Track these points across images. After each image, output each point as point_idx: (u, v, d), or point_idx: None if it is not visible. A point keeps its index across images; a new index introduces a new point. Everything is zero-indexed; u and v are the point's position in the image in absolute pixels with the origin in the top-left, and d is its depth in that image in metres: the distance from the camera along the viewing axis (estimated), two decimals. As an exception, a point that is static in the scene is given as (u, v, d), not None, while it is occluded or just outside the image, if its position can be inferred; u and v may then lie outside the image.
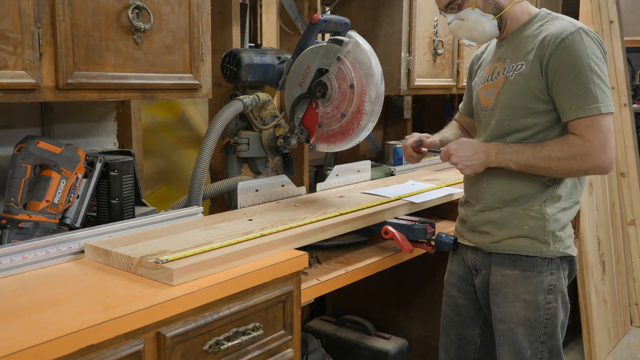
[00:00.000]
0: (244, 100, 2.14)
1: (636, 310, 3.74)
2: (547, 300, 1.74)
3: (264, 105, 2.24)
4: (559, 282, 1.76)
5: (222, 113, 2.08)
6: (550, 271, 1.74)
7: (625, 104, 3.80)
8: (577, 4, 3.86)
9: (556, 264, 1.75)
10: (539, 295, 1.74)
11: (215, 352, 1.38)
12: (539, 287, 1.74)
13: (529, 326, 1.75)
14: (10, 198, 1.58)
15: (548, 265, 1.74)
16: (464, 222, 1.90)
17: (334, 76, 1.99)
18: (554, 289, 1.75)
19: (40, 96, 1.42)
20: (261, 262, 1.53)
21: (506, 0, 1.76)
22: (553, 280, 1.74)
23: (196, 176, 1.99)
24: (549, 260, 1.74)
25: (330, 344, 2.56)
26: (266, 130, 2.23)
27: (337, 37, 2.00)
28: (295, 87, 2.06)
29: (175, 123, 2.51)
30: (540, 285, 1.74)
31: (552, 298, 1.75)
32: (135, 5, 1.57)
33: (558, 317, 1.77)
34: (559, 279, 1.76)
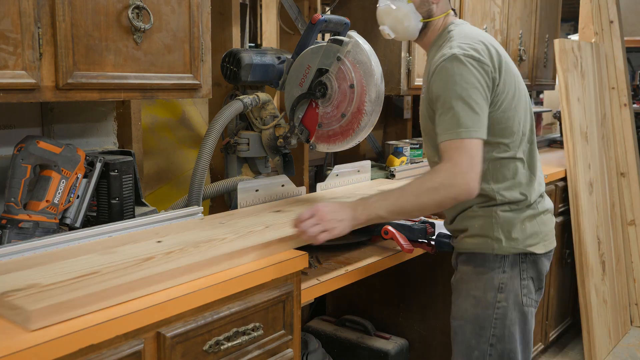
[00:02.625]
0: (244, 100, 2.14)
1: (636, 310, 3.74)
2: (496, 299, 1.71)
3: (264, 105, 2.24)
4: (512, 281, 1.72)
5: (222, 113, 2.08)
6: (502, 269, 1.72)
7: (625, 104, 3.80)
8: (577, 3, 3.86)
9: (510, 262, 1.72)
10: (489, 292, 1.72)
11: (215, 352, 1.38)
12: (488, 283, 1.72)
13: (477, 325, 1.73)
14: (10, 198, 1.58)
15: (500, 262, 1.72)
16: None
17: (334, 76, 1.99)
18: (505, 288, 1.71)
19: (40, 96, 1.42)
20: (261, 262, 1.53)
21: (437, 12, 1.80)
22: (505, 279, 1.71)
23: (196, 176, 1.99)
24: (502, 258, 1.72)
25: (330, 344, 2.56)
26: (266, 130, 2.23)
27: (337, 37, 2.00)
28: (295, 87, 2.06)
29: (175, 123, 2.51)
30: (490, 282, 1.72)
31: (502, 297, 1.71)
32: (135, 5, 1.57)
33: (509, 318, 1.72)
34: (512, 278, 1.72)
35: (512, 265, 1.72)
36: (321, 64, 2.00)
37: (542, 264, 1.78)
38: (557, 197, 3.23)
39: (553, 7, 3.98)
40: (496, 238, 1.72)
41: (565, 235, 3.33)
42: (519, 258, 1.73)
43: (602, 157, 3.55)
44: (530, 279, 1.75)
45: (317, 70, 2.01)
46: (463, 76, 1.60)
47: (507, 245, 1.71)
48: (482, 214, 1.74)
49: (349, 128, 2.01)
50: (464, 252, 1.79)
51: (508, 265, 1.72)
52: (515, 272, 1.73)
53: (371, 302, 2.74)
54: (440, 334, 2.52)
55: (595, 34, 3.76)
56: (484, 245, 1.73)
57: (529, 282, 1.75)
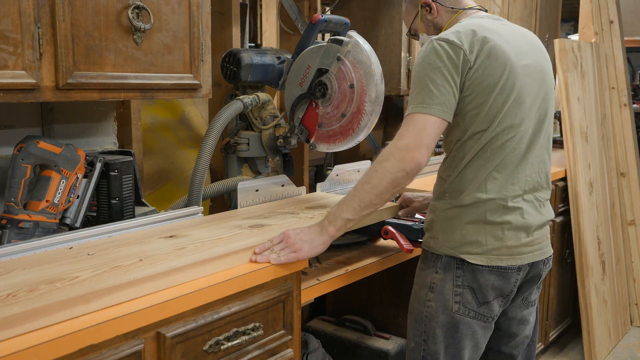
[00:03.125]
0: (244, 100, 2.14)
1: (636, 310, 3.74)
2: (427, 297, 1.67)
3: (264, 105, 2.24)
4: (443, 284, 1.64)
5: (222, 113, 2.08)
6: (435, 269, 1.66)
7: (625, 104, 3.80)
8: (577, 3, 3.86)
9: (443, 265, 1.65)
10: (422, 288, 1.70)
11: (215, 352, 1.38)
12: (422, 279, 1.71)
13: (413, 318, 1.72)
14: (10, 198, 1.58)
15: (435, 261, 1.67)
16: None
17: (334, 76, 1.99)
18: (435, 289, 1.66)
19: (40, 96, 1.42)
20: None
21: (443, 20, 1.81)
22: (436, 280, 1.66)
23: (196, 176, 1.99)
24: (436, 257, 1.67)
25: (330, 344, 2.56)
26: (266, 130, 2.23)
27: (337, 37, 2.00)
28: (295, 87, 2.06)
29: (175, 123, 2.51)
30: (423, 279, 1.70)
31: (432, 297, 1.66)
32: (135, 5, 1.57)
33: (435, 320, 1.66)
34: (444, 282, 1.64)
35: (445, 268, 1.65)
36: (321, 64, 2.00)
37: (484, 277, 1.62)
38: (557, 197, 3.23)
39: (553, 7, 3.98)
40: (433, 235, 1.68)
41: (565, 235, 3.33)
42: (454, 262, 1.64)
43: (602, 157, 3.55)
44: (467, 288, 1.64)
45: (317, 70, 2.01)
46: (427, 58, 1.58)
47: (442, 244, 1.65)
48: (432, 208, 1.72)
49: (349, 128, 2.01)
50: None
51: (441, 266, 1.65)
52: (449, 275, 1.64)
53: (371, 302, 2.73)
54: (440, 334, 2.51)
55: (595, 34, 3.76)
56: (426, 240, 1.72)
57: (464, 290, 1.64)
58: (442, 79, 1.55)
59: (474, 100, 1.59)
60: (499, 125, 1.60)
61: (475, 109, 1.59)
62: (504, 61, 1.60)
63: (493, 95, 1.58)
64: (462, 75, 1.57)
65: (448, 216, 1.65)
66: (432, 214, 1.70)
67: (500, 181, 1.62)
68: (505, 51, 1.61)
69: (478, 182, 1.61)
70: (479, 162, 1.62)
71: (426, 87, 1.55)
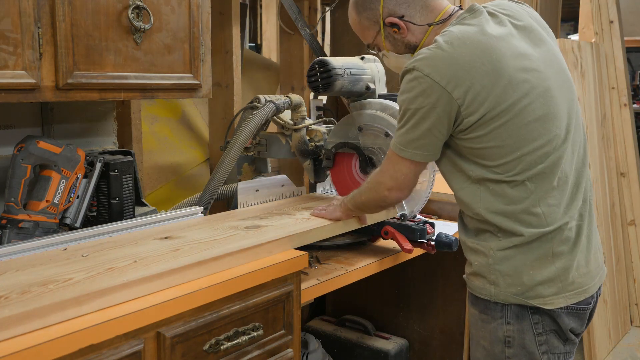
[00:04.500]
0: (276, 102, 2.06)
1: (636, 310, 3.74)
2: (505, 354, 1.46)
3: (296, 108, 2.16)
4: (522, 336, 1.44)
5: (256, 114, 2.00)
6: (505, 320, 1.45)
7: (625, 104, 3.80)
8: (577, 4, 3.86)
9: (514, 313, 1.44)
10: (496, 345, 1.47)
11: (215, 352, 1.38)
12: (493, 335, 1.47)
13: None
14: (10, 198, 1.58)
15: (502, 311, 1.45)
16: None
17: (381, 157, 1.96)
18: (513, 342, 1.45)
19: (40, 96, 1.42)
20: (261, 262, 1.53)
21: (416, 38, 1.60)
22: (510, 332, 1.45)
23: (213, 181, 1.97)
24: (502, 306, 1.45)
25: (330, 344, 2.56)
26: (297, 132, 2.14)
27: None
28: (355, 126, 2.02)
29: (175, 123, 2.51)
30: (494, 334, 1.47)
31: (511, 352, 1.45)
32: (135, 5, 1.57)
33: None
34: (522, 333, 1.44)
35: (518, 317, 1.44)
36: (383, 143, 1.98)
37: (563, 320, 1.44)
38: (557, 197, 3.23)
39: (553, 7, 3.98)
40: (493, 282, 1.45)
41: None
42: (528, 310, 1.43)
43: (602, 157, 3.55)
44: (551, 333, 1.45)
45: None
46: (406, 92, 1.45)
47: (506, 292, 1.44)
48: (480, 249, 1.48)
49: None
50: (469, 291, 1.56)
51: (512, 315, 1.44)
52: (525, 324, 1.44)
53: (371, 302, 2.74)
54: (440, 334, 2.52)
55: (595, 34, 3.76)
56: (483, 288, 1.48)
57: (548, 336, 1.44)
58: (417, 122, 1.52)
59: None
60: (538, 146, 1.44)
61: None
62: (509, 81, 1.44)
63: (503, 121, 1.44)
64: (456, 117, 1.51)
65: (505, 256, 1.44)
66: (480, 256, 1.48)
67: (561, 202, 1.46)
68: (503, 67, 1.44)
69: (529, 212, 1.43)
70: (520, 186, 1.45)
71: (403, 128, 1.52)
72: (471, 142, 1.44)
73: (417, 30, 1.59)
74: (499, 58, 1.41)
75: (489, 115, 1.40)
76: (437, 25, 1.57)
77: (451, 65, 1.39)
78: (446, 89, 1.39)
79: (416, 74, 1.41)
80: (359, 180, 2.07)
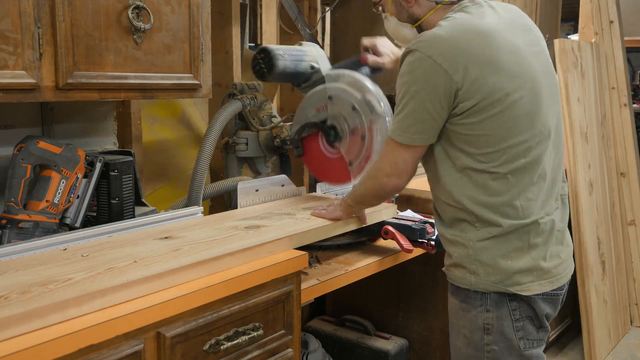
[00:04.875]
0: (242, 100, 2.14)
1: (636, 310, 3.74)
2: (484, 341, 1.51)
3: (262, 105, 2.24)
4: (501, 322, 1.49)
5: (221, 113, 2.08)
6: (485, 307, 1.50)
7: (625, 104, 3.80)
8: (577, 4, 3.86)
9: (494, 301, 1.49)
10: (475, 332, 1.52)
11: (215, 352, 1.38)
12: (474, 323, 1.52)
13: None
14: (10, 198, 1.58)
15: (482, 299, 1.50)
16: None
17: (350, 129, 1.95)
18: (492, 329, 1.50)
19: (40, 96, 1.42)
20: (261, 262, 1.53)
21: (422, 11, 1.62)
22: (490, 319, 1.49)
23: (196, 176, 1.99)
24: (482, 294, 1.50)
25: (330, 344, 2.56)
26: (263, 130, 2.23)
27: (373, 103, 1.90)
28: (313, 108, 2.02)
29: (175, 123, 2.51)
30: (474, 322, 1.51)
31: (490, 339, 1.50)
32: (135, 5, 1.57)
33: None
34: (501, 319, 1.49)
35: (497, 305, 1.49)
36: (346, 113, 1.95)
37: (539, 306, 1.51)
38: (557, 197, 3.23)
39: (553, 7, 3.98)
40: (473, 271, 1.50)
41: (565, 235, 3.32)
42: (506, 297, 1.49)
43: (602, 157, 3.55)
44: (527, 319, 1.51)
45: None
46: (412, 74, 1.47)
47: (486, 280, 1.49)
48: (460, 241, 1.53)
49: (352, 174, 1.98)
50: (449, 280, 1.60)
51: (492, 303, 1.50)
52: (504, 311, 1.49)
53: (371, 302, 2.74)
54: (440, 334, 2.52)
55: (595, 34, 3.76)
56: (463, 278, 1.53)
57: (525, 322, 1.51)
58: (420, 107, 1.52)
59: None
60: (523, 139, 1.50)
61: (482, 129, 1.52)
62: (504, 72, 1.48)
63: (496, 111, 1.48)
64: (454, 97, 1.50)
65: (485, 246, 1.49)
66: (459, 247, 1.53)
67: (539, 197, 1.51)
68: (503, 59, 1.49)
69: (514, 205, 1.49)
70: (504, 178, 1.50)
71: (404, 112, 1.52)
72: (462, 128, 1.48)
73: (424, 4, 1.62)
74: (497, 49, 1.46)
75: (483, 103, 1.44)
76: (443, 7, 1.59)
77: (452, 49, 1.43)
78: (448, 71, 1.42)
79: (418, 55, 1.45)
80: (331, 155, 2.04)
